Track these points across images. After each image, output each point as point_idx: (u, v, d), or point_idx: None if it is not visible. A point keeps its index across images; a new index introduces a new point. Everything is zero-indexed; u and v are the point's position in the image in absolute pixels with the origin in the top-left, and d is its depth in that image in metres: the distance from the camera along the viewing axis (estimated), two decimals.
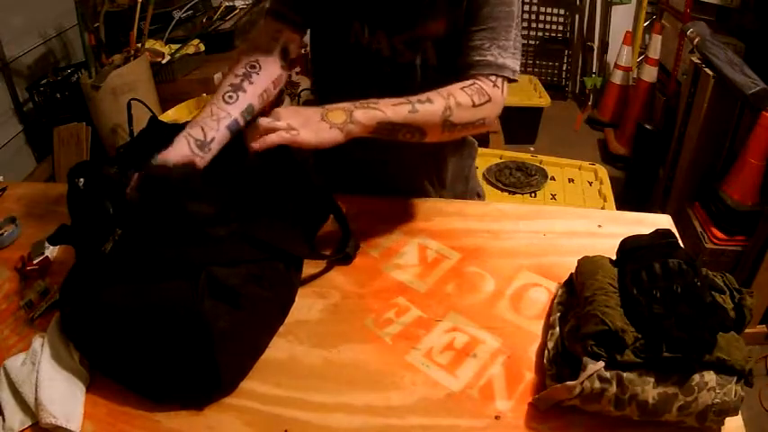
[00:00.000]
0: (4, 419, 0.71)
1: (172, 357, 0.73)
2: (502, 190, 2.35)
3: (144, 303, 0.73)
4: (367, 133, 0.83)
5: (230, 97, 0.92)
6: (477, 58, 0.91)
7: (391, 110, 0.84)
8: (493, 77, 0.90)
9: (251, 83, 0.95)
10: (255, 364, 0.78)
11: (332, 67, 1.07)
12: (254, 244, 0.80)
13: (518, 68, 0.93)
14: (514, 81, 0.93)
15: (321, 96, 1.16)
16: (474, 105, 0.88)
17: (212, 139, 0.88)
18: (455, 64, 0.94)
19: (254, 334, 0.79)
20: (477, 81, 0.90)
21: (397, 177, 1.11)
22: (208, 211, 0.78)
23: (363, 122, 0.82)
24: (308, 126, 0.80)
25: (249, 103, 0.94)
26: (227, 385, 0.74)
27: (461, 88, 0.88)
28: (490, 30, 0.90)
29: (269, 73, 0.98)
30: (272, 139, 0.78)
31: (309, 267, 0.93)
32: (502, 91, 0.91)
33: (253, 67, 0.97)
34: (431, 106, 0.85)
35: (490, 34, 0.90)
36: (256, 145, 0.78)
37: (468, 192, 1.22)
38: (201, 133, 0.87)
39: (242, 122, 0.92)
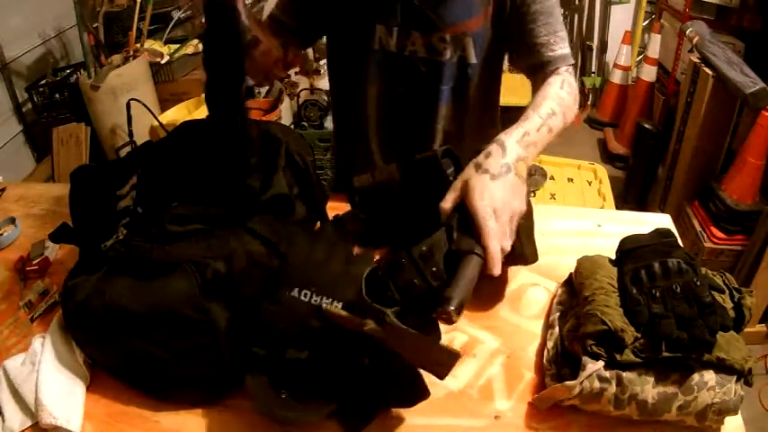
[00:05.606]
0: (3, 420, 0.71)
1: (179, 355, 0.72)
2: None
3: (149, 300, 0.72)
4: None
5: None
6: (550, 54, 0.94)
7: (536, 135, 0.81)
8: (565, 68, 0.94)
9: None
10: None
11: (352, 73, 1.07)
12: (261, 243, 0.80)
13: None
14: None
15: (339, 102, 1.16)
16: (574, 101, 0.92)
17: None
18: (490, 59, 1.00)
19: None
20: (562, 77, 0.93)
21: None
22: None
23: (529, 161, 0.79)
24: (520, 196, 0.74)
25: None
26: (235, 384, 0.74)
27: (560, 87, 0.91)
28: (549, 24, 0.94)
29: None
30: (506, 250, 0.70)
31: None
32: (574, 79, 0.95)
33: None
34: (556, 119, 0.85)
35: (551, 28, 0.94)
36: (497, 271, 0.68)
37: None
38: None
39: None
